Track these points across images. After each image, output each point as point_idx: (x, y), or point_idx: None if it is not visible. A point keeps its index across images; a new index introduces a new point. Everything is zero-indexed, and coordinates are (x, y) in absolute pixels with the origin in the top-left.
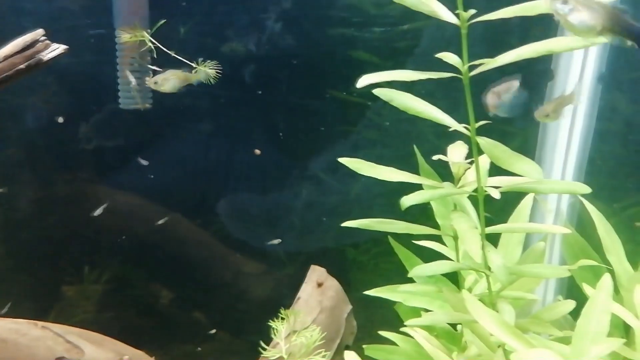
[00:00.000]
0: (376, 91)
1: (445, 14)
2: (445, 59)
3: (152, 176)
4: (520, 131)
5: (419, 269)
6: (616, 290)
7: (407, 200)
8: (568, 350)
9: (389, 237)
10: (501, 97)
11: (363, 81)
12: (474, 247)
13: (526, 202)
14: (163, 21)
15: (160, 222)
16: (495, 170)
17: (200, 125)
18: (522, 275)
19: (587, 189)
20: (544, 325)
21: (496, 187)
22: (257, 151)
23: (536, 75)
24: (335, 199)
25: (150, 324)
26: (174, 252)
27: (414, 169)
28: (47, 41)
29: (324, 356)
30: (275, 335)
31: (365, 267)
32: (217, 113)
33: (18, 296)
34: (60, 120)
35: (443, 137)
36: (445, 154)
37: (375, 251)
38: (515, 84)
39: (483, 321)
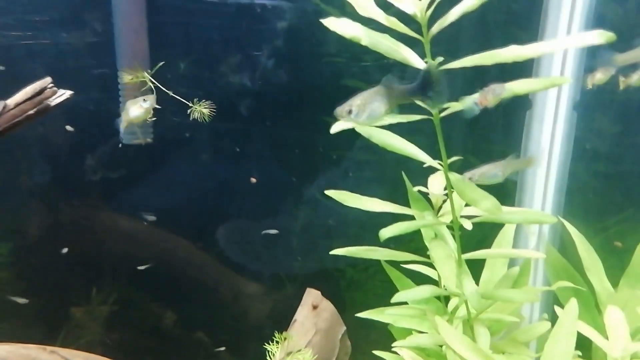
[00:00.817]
0: (358, 129)
1: (416, 61)
2: (418, 102)
3: (154, 204)
4: (503, 151)
5: (401, 295)
6: (597, 309)
7: (386, 232)
8: None
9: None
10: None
11: (335, 128)
12: (449, 274)
13: (510, 226)
14: (162, 63)
15: (163, 246)
16: None
17: (200, 156)
18: (495, 299)
19: (553, 219)
20: (518, 346)
21: (470, 217)
22: (253, 179)
23: (515, 105)
24: (331, 221)
25: (155, 344)
26: (177, 275)
27: (406, 191)
28: (54, 88)
29: None
30: (270, 358)
31: (362, 286)
32: (216, 144)
33: (28, 318)
34: (70, 128)
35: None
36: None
37: (372, 270)
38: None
39: (453, 344)
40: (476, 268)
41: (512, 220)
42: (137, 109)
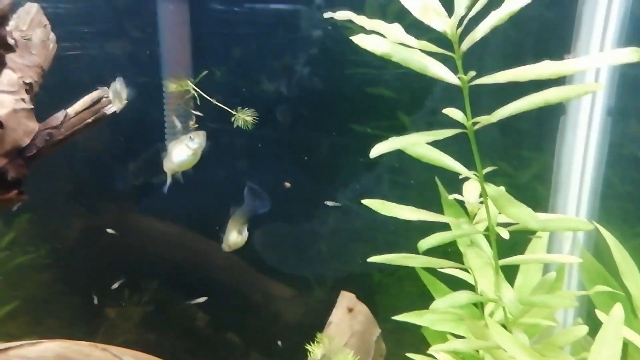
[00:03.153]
0: (391, 145)
1: (448, 76)
2: (450, 115)
3: (188, 208)
4: (537, 156)
5: (439, 303)
6: (634, 314)
7: (424, 244)
8: None
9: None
10: None
11: (375, 151)
12: (486, 282)
13: (543, 235)
14: (205, 72)
15: (199, 248)
16: None
17: (236, 162)
18: (532, 305)
19: (590, 226)
20: (556, 350)
21: (506, 225)
22: (287, 184)
23: (549, 110)
24: (361, 225)
25: (187, 344)
26: (210, 277)
27: (438, 194)
28: (109, 97)
29: None
30: (310, 357)
31: (390, 290)
32: (252, 149)
33: (68, 317)
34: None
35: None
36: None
37: (400, 274)
38: None
39: (505, 345)
40: (509, 273)
41: (548, 228)
42: (182, 152)
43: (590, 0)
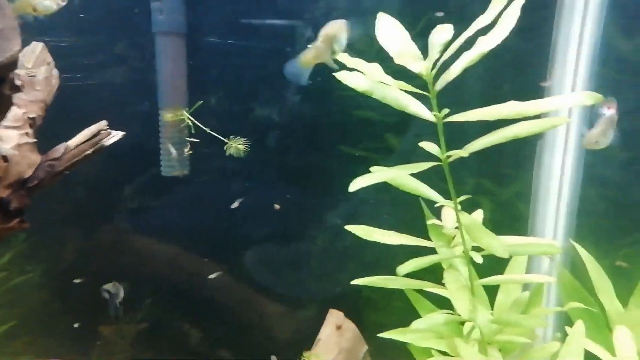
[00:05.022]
0: (370, 179)
1: (425, 113)
2: (427, 149)
3: (186, 229)
4: (518, 175)
5: (418, 323)
6: (608, 328)
7: (402, 270)
8: None
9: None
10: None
11: (354, 186)
12: (462, 303)
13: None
14: (200, 102)
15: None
16: None
17: (229, 185)
18: (506, 325)
19: (558, 250)
20: None
21: (481, 250)
22: (277, 206)
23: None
24: (349, 244)
25: None
26: (203, 295)
27: (424, 215)
28: (109, 129)
29: None
30: None
31: (379, 305)
32: (243, 173)
33: (64, 337)
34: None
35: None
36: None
37: (388, 290)
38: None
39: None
40: (492, 290)
41: (520, 252)
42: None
43: (564, 30)
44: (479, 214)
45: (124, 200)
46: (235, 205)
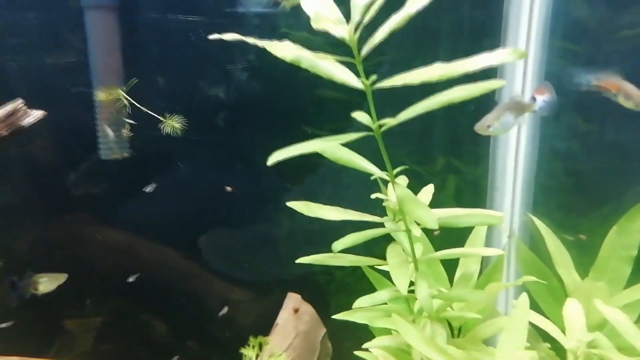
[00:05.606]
0: (290, 152)
1: (353, 81)
2: (358, 119)
3: (138, 216)
4: (476, 152)
5: (361, 301)
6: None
7: (338, 245)
8: None
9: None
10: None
11: (272, 159)
12: (402, 279)
13: (480, 229)
14: (135, 80)
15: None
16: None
17: (181, 168)
18: (450, 300)
19: (499, 220)
20: (475, 342)
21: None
22: (228, 188)
23: (483, 109)
24: (314, 226)
25: (145, 354)
26: (166, 285)
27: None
28: (26, 108)
29: None
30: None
31: (352, 289)
32: (196, 155)
33: (23, 332)
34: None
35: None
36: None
37: (361, 272)
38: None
39: (411, 341)
40: (452, 267)
41: (461, 223)
42: None
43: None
44: (429, 189)
45: (68, 188)
46: (149, 189)
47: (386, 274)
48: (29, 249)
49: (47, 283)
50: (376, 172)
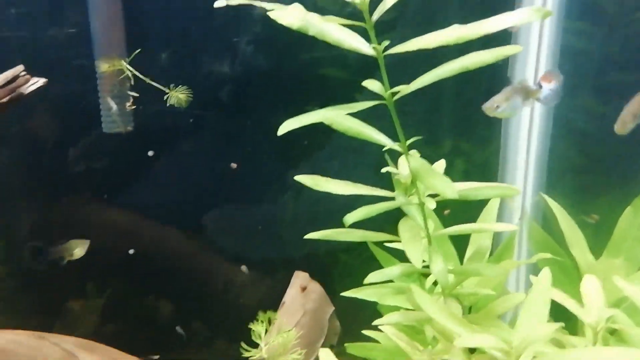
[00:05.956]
0: (301, 121)
1: (364, 47)
2: (369, 87)
3: (141, 194)
4: (487, 133)
5: (372, 276)
6: (580, 280)
7: (350, 218)
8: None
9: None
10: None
11: (283, 128)
12: (415, 253)
13: (493, 202)
14: (138, 50)
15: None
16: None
17: (184, 144)
18: (465, 275)
19: (517, 192)
20: (491, 318)
21: (434, 196)
22: (234, 165)
23: (494, 83)
24: (320, 206)
25: (148, 335)
26: (169, 265)
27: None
28: (27, 75)
29: (300, 354)
30: (258, 338)
31: (356, 271)
32: (200, 132)
33: (24, 313)
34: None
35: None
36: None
37: (366, 255)
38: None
39: (434, 314)
40: (463, 246)
41: (479, 195)
42: None
43: None
44: (440, 164)
45: (68, 165)
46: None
47: (395, 254)
48: (29, 229)
49: (79, 249)
50: (388, 143)
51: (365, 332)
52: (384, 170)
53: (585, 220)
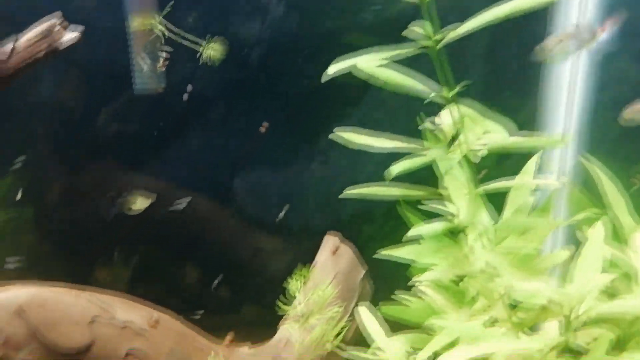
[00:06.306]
0: (345, 64)
1: None
2: (413, 32)
3: (170, 160)
4: (523, 102)
5: (416, 230)
6: (623, 242)
7: (394, 169)
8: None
9: (398, 205)
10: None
11: (331, 70)
12: (462, 206)
13: (531, 163)
14: (171, 3)
15: (181, 204)
16: None
17: (213, 108)
18: (512, 228)
19: (563, 143)
20: (537, 273)
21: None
22: (264, 125)
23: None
24: (349, 173)
25: (177, 302)
26: (197, 233)
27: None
28: (65, 23)
29: (338, 308)
30: (293, 294)
31: (381, 241)
32: (229, 95)
33: (54, 278)
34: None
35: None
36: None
37: (390, 226)
38: None
39: (490, 261)
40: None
41: (525, 147)
42: None
43: None
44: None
45: (98, 128)
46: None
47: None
48: (59, 195)
49: (141, 201)
50: (432, 92)
51: (397, 293)
52: (422, 126)
53: (633, 181)
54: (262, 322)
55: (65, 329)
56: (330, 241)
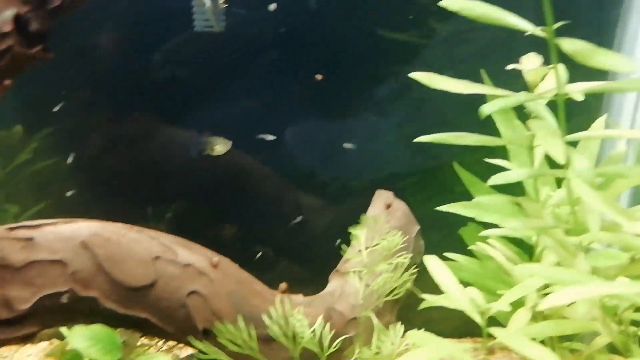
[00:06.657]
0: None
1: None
2: None
3: (215, 110)
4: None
5: (499, 177)
6: None
7: (487, 108)
8: None
9: (453, 164)
10: None
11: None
12: (555, 149)
13: (600, 120)
14: None
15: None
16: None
17: (263, 57)
18: (609, 176)
19: None
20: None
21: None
22: (319, 76)
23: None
24: (400, 129)
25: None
26: (236, 187)
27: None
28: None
29: (405, 257)
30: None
31: (423, 203)
32: (282, 42)
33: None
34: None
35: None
36: None
37: (427, 194)
38: None
39: (589, 199)
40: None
41: (632, 88)
42: None
43: None
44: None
45: (150, 72)
46: None
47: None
48: (98, 145)
49: (221, 146)
50: (530, 28)
51: (447, 254)
52: (509, 67)
53: None
54: (304, 279)
55: (130, 265)
56: (382, 197)
